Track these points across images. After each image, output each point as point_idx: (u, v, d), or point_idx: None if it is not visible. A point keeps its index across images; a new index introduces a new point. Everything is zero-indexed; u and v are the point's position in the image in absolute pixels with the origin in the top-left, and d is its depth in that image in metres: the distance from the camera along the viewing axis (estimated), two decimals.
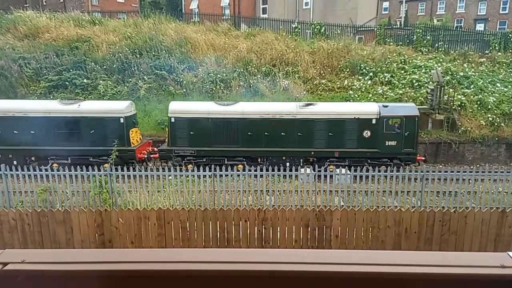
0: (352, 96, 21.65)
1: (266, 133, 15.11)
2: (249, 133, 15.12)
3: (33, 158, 15.29)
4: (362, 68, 23.31)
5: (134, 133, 15.84)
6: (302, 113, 15.20)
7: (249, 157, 15.29)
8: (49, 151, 15.09)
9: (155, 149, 16.08)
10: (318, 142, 15.24)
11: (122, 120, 15.15)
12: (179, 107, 15.69)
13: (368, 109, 15.61)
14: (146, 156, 15.79)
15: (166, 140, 15.75)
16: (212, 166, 11.44)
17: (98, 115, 15.17)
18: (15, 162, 13.48)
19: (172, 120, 15.20)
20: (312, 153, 15.26)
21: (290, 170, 11.70)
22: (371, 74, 22.97)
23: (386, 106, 15.52)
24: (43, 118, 14.93)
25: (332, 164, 14.80)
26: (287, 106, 16.08)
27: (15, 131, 14.90)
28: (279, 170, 11.64)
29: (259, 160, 15.38)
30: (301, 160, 15.09)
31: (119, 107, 15.53)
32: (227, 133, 15.24)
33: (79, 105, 15.42)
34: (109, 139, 14.81)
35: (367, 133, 15.08)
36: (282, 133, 15.07)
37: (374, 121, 15.08)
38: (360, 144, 15.18)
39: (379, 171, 11.57)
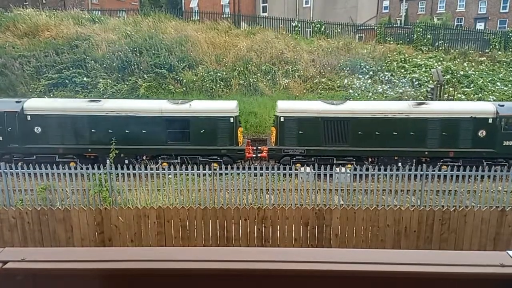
0: (352, 95, 21.65)
1: (377, 133, 14.80)
2: (359, 133, 14.87)
3: (144, 157, 15.21)
4: (362, 67, 23.30)
5: (240, 133, 15.77)
6: (416, 112, 14.93)
7: (359, 157, 15.09)
8: (160, 150, 15.10)
9: (265, 148, 15.79)
10: (431, 142, 14.90)
11: (232, 120, 15.06)
12: (288, 107, 15.57)
13: (484, 108, 15.24)
14: (254, 155, 15.72)
15: (274, 139, 15.51)
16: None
17: (209, 115, 15.06)
18: (126, 161, 13.43)
19: (281, 119, 15.01)
20: (426, 153, 14.96)
21: (290, 169, 11.69)
22: (371, 73, 22.96)
23: (502, 106, 15.22)
24: (155, 118, 14.92)
25: (445, 165, 14.38)
26: (399, 105, 15.84)
27: (126, 131, 14.81)
28: (278, 168, 11.63)
29: (369, 160, 15.13)
30: (414, 161, 14.76)
31: (230, 107, 15.37)
32: (337, 133, 15.04)
33: (190, 104, 15.32)
34: (218, 138, 14.95)
35: (482, 133, 14.74)
36: (394, 133, 14.76)
37: (490, 121, 14.72)
38: (475, 144, 14.84)
39: (378, 169, 11.56)
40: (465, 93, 21.49)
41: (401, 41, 26.69)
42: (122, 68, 22.85)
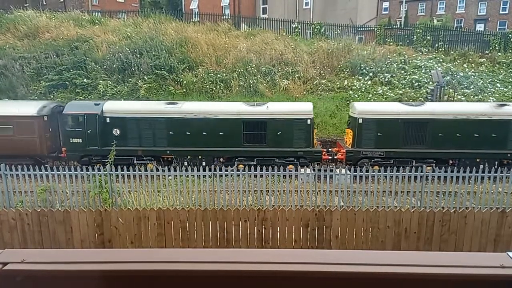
0: (352, 96, 21.66)
1: (458, 134, 14.67)
2: (439, 134, 14.77)
3: (221, 160, 15.28)
4: (362, 68, 23.32)
5: (315, 135, 15.80)
6: (498, 113, 14.81)
7: (439, 159, 14.96)
8: (236, 152, 15.14)
9: (343, 150, 15.67)
10: None
11: (309, 122, 15.02)
12: (367, 108, 15.51)
13: None
14: (331, 157, 15.65)
15: (350, 141, 15.47)
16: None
17: (286, 117, 15.05)
18: (203, 163, 13.41)
19: (360, 121, 14.98)
20: (509, 155, 14.85)
21: (290, 171, 11.70)
22: (371, 74, 22.98)
23: None
24: (232, 120, 14.96)
25: None
26: (481, 106, 15.71)
27: (204, 133, 14.91)
28: (278, 170, 11.65)
29: (449, 162, 15.01)
30: (496, 162, 14.69)
31: (307, 109, 15.35)
32: (417, 134, 14.95)
33: (267, 106, 15.35)
34: (295, 140, 14.95)
35: None
36: (476, 134, 14.64)
37: None
38: None
39: (378, 171, 11.57)
40: (465, 94, 21.50)
41: (401, 43, 26.72)
42: (122, 69, 22.87)
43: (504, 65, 24.49)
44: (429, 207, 10.61)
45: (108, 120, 14.97)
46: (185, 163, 12.13)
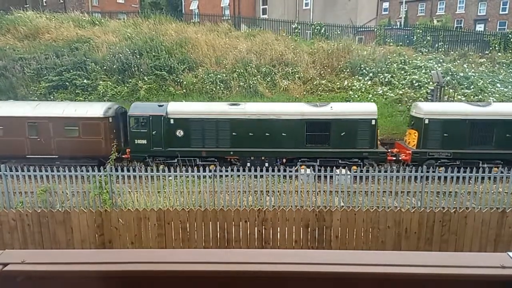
0: (352, 96, 21.66)
1: None
2: (507, 135, 14.70)
3: (284, 160, 15.23)
4: (362, 68, 23.32)
5: (378, 135, 15.74)
6: None
7: (506, 159, 14.81)
8: (299, 153, 15.10)
9: (408, 151, 15.50)
10: None
11: (373, 122, 14.96)
12: (433, 109, 15.40)
13: None
14: (395, 158, 15.51)
15: (414, 142, 15.34)
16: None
17: (350, 117, 14.96)
18: (266, 164, 13.33)
19: (426, 121, 14.92)
20: None
21: (290, 171, 11.70)
22: (371, 74, 22.98)
23: None
24: (295, 121, 14.93)
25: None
26: None
27: (267, 133, 14.89)
28: (279, 170, 11.65)
29: None
30: None
31: (371, 109, 15.27)
32: (484, 135, 14.86)
33: (331, 107, 15.25)
34: (359, 141, 14.89)
35: None
36: None
37: None
38: None
39: (379, 171, 11.57)
40: (465, 94, 21.50)
41: (401, 43, 26.73)
42: (122, 70, 22.88)
43: (504, 65, 24.49)
44: (430, 207, 10.61)
45: (172, 121, 15.02)
46: (248, 164, 12.17)
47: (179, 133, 15.00)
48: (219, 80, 22.79)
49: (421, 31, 26.78)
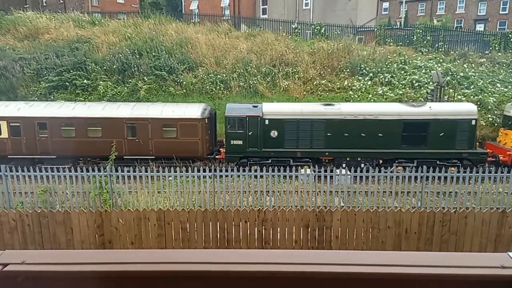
0: (352, 96, 21.66)
1: None
2: None
3: (380, 161, 15.12)
4: (362, 68, 23.31)
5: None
6: None
7: None
8: (395, 154, 14.94)
9: (509, 152, 15.25)
10: None
11: (473, 122, 14.73)
12: None
13: None
14: (494, 159, 15.30)
15: None
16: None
17: (451, 117, 14.77)
18: (362, 165, 13.28)
19: None
20: None
21: (290, 171, 11.71)
22: (371, 74, 22.97)
23: None
24: (392, 121, 14.79)
25: None
26: None
27: (362, 134, 14.79)
28: (279, 170, 11.65)
29: None
30: None
31: (472, 109, 15.07)
32: None
33: (430, 107, 15.12)
34: (457, 141, 14.67)
35: None
36: None
37: None
38: None
39: (379, 171, 11.57)
40: (465, 94, 21.49)
41: (401, 43, 26.72)
42: (122, 70, 22.87)
43: (504, 65, 24.48)
44: (430, 207, 10.61)
45: (267, 122, 15.02)
46: (344, 165, 12.12)
47: (274, 133, 15.03)
48: (219, 80, 22.78)
49: (421, 31, 26.76)
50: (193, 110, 15.59)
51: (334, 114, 14.97)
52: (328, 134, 14.91)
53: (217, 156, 15.84)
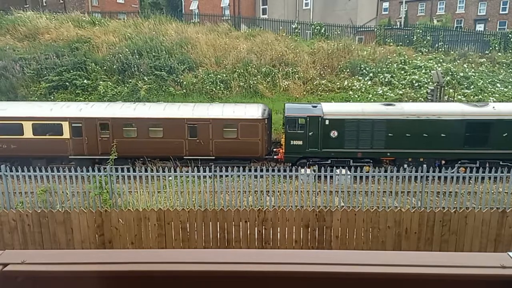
0: (352, 96, 21.66)
1: None
2: None
3: (443, 162, 14.91)
4: (362, 68, 23.32)
5: None
6: None
7: None
8: (458, 154, 14.77)
9: None
10: None
11: None
12: None
13: None
14: None
15: None
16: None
17: None
18: (424, 165, 12.76)
19: None
20: None
21: (290, 171, 11.71)
22: (371, 74, 22.98)
23: None
24: (455, 121, 14.64)
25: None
26: None
27: (425, 134, 14.64)
28: (279, 170, 11.65)
29: None
30: None
31: None
32: None
33: (494, 107, 14.97)
34: None
35: None
36: None
37: None
38: None
39: (379, 171, 11.57)
40: (465, 94, 21.50)
41: (401, 43, 26.73)
42: (122, 70, 22.88)
43: (504, 65, 24.50)
44: (430, 207, 10.61)
45: (327, 122, 14.91)
46: (405, 165, 12.01)
47: (333, 134, 14.92)
48: (219, 80, 22.79)
49: (421, 31, 26.78)
50: (254, 111, 15.59)
51: (396, 114, 14.87)
52: (390, 134, 14.79)
53: (275, 157, 15.81)
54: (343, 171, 12.50)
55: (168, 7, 42.06)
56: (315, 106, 15.33)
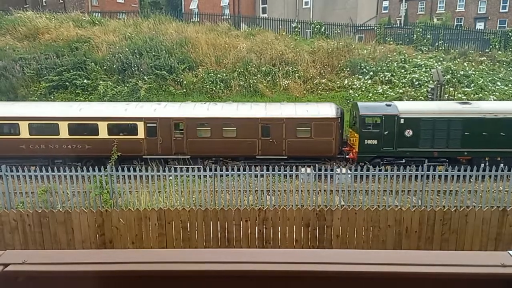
0: (353, 95, 21.65)
1: None
2: None
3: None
4: (362, 67, 23.30)
5: None
6: None
7: None
8: None
9: None
10: None
11: None
12: None
13: None
14: None
15: None
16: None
17: None
18: (501, 165, 12.74)
19: None
20: None
21: (291, 170, 11.70)
22: (371, 73, 22.96)
23: None
24: None
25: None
26: None
27: (502, 133, 14.54)
28: (279, 170, 11.65)
29: None
30: None
31: None
32: None
33: None
34: None
35: None
36: None
37: None
38: None
39: (379, 170, 11.57)
40: (466, 93, 21.48)
41: (401, 42, 26.70)
42: (122, 70, 22.87)
43: (504, 63, 24.47)
44: (430, 206, 10.61)
45: (402, 120, 14.85)
46: (482, 165, 11.82)
47: (408, 132, 14.84)
48: (219, 79, 22.77)
49: (421, 30, 26.74)
50: (328, 110, 15.55)
51: (473, 113, 14.72)
52: (466, 133, 14.69)
53: (347, 156, 15.75)
54: (343, 170, 12.49)
55: (167, 6, 42.06)
56: (389, 105, 15.25)
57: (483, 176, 11.46)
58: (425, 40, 26.29)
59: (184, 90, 22.49)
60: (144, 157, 15.49)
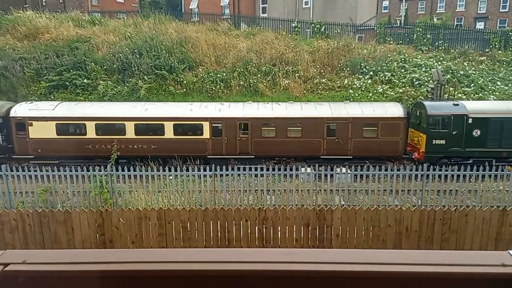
0: (353, 95, 21.64)
1: None
2: None
3: None
4: (362, 67, 23.28)
5: None
6: None
7: None
8: None
9: None
10: None
11: None
12: None
13: None
14: None
15: None
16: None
17: None
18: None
19: None
20: None
21: (291, 170, 11.70)
22: (371, 73, 22.95)
23: None
24: None
25: None
26: None
27: None
28: (279, 169, 11.65)
29: None
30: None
31: None
32: None
33: None
34: None
35: None
36: None
37: None
38: None
39: (379, 170, 11.57)
40: (466, 92, 21.47)
41: (401, 41, 26.69)
42: (122, 69, 22.86)
43: (504, 63, 24.46)
44: (430, 205, 10.61)
45: (470, 120, 14.75)
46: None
47: (476, 132, 14.75)
48: (219, 79, 22.76)
49: (421, 29, 26.73)
50: (395, 109, 15.52)
51: None
52: None
53: (413, 156, 15.61)
54: (343, 169, 12.49)
55: (167, 6, 42.04)
56: (456, 104, 15.14)
57: (483, 175, 11.46)
58: (425, 40, 26.28)
59: (184, 89, 22.49)
60: (208, 157, 15.41)
